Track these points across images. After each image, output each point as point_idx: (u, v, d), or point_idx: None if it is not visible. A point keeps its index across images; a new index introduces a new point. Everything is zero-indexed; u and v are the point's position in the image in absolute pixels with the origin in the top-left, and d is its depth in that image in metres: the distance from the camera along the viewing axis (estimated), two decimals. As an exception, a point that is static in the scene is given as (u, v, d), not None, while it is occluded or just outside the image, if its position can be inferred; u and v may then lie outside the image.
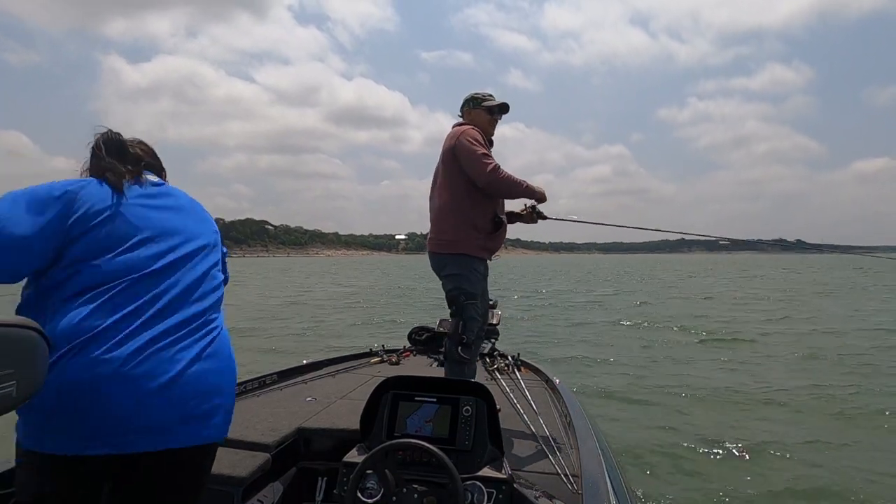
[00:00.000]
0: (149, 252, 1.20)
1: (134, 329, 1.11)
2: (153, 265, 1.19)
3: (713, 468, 3.87)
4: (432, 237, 2.63)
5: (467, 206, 2.55)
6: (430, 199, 2.71)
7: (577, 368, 7.28)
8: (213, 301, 1.28)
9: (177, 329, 1.17)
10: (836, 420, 5.02)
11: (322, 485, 1.93)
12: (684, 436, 4.54)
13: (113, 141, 1.31)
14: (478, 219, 2.57)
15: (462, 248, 2.55)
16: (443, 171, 2.61)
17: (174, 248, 1.25)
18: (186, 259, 1.26)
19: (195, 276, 1.26)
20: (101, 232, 1.17)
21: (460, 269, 2.54)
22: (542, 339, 10.05)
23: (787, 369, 7.23)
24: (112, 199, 1.21)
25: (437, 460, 1.38)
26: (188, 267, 1.25)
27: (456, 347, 2.47)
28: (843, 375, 6.79)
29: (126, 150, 1.33)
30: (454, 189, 2.56)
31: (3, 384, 0.96)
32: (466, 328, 2.50)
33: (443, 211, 2.58)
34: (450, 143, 2.57)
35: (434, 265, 2.65)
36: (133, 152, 1.35)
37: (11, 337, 0.99)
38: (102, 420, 1.07)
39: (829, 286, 25.98)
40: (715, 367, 7.43)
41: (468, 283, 2.55)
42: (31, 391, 1.06)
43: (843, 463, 3.96)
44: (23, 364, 1.01)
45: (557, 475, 1.76)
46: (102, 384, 1.07)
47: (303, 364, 3.27)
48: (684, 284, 29.07)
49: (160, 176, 1.41)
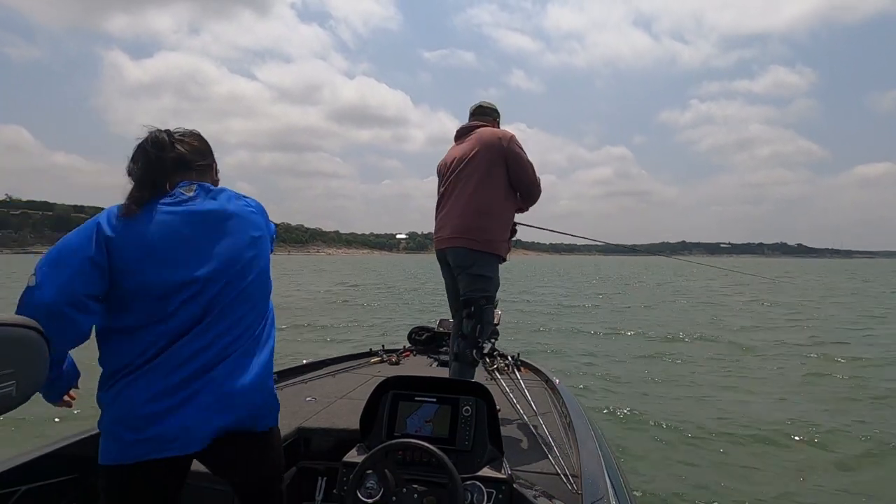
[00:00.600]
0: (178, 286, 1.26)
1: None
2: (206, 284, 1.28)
3: (713, 468, 3.86)
4: (462, 233, 2.54)
5: (507, 207, 2.60)
6: (460, 192, 2.60)
7: (577, 368, 7.29)
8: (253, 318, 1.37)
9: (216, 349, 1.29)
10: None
11: (322, 485, 1.93)
12: (684, 435, 4.53)
13: (152, 147, 1.33)
14: (509, 221, 2.64)
15: (498, 249, 2.55)
16: (484, 165, 2.54)
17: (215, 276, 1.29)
18: (227, 277, 1.30)
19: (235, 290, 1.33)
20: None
21: (490, 270, 2.54)
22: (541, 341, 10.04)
23: (787, 375, 7.22)
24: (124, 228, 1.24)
25: (436, 460, 1.38)
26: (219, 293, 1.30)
27: (471, 350, 2.46)
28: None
29: (166, 153, 1.33)
30: (498, 189, 2.55)
31: (3, 384, 0.96)
32: (483, 332, 2.50)
33: (484, 208, 2.53)
34: (499, 143, 2.54)
35: (460, 260, 2.55)
36: (174, 154, 1.35)
37: (11, 337, 0.99)
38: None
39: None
40: (715, 366, 7.44)
41: (491, 286, 2.55)
42: (31, 391, 1.06)
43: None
44: (23, 364, 1.01)
45: (557, 475, 1.76)
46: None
47: (303, 364, 3.27)
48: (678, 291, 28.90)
49: (206, 170, 1.43)
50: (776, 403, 5.59)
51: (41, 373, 1.11)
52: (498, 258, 2.57)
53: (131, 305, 1.22)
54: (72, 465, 1.71)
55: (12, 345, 1.04)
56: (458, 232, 2.54)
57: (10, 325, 1.05)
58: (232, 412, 1.27)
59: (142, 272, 1.21)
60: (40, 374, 1.10)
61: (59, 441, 1.73)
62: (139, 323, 1.22)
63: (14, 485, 1.51)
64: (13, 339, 1.04)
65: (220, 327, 1.26)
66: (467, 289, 2.53)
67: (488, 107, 2.81)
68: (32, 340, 1.08)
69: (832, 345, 9.31)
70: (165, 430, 1.19)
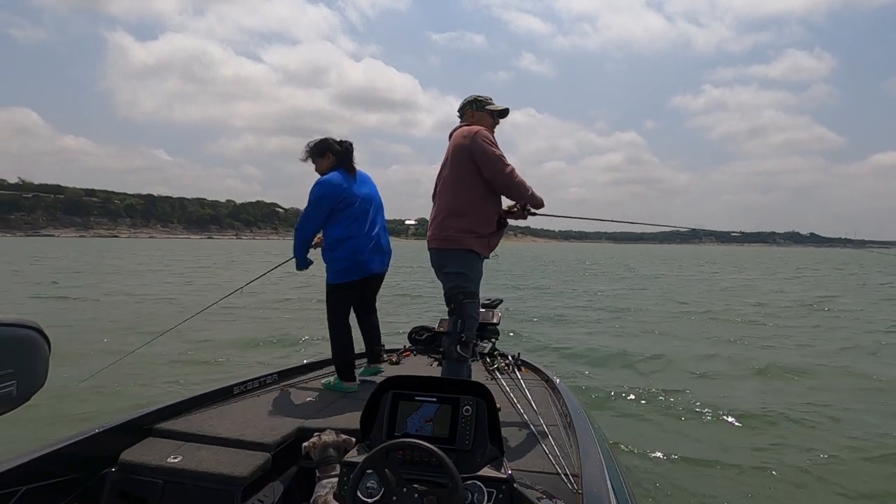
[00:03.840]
0: (364, 204, 3.06)
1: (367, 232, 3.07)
2: (368, 208, 3.08)
3: (714, 468, 3.86)
4: (437, 233, 2.64)
5: (479, 204, 2.59)
6: (439, 195, 2.72)
7: (578, 368, 7.26)
8: (384, 223, 3.21)
9: (378, 232, 3.11)
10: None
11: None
12: (685, 435, 4.54)
13: (349, 149, 3.10)
14: (487, 217, 2.62)
15: (469, 245, 2.57)
16: (454, 168, 2.62)
17: (372, 201, 3.12)
18: (376, 207, 3.16)
19: (380, 214, 3.20)
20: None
21: (463, 266, 2.57)
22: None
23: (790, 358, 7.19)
24: (349, 181, 3.04)
25: (437, 460, 1.38)
26: (375, 208, 3.14)
27: (455, 346, 2.49)
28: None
29: (351, 151, 3.11)
30: (467, 187, 2.59)
31: (3, 384, 0.96)
32: (465, 326, 2.52)
33: (454, 208, 2.60)
34: (463, 142, 2.58)
35: (436, 261, 2.67)
36: (351, 150, 3.12)
37: (11, 337, 0.99)
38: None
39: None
40: (717, 367, 7.39)
41: (469, 282, 2.57)
42: (31, 391, 1.06)
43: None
44: (23, 364, 1.01)
45: (557, 475, 1.76)
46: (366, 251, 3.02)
47: (303, 364, 3.30)
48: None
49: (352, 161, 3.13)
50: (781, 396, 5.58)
51: (41, 373, 1.11)
52: (472, 254, 2.58)
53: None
54: (72, 465, 1.73)
55: (12, 345, 1.04)
56: (431, 234, 2.67)
57: (10, 325, 1.04)
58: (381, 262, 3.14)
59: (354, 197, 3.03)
60: (40, 375, 1.10)
61: (59, 441, 1.75)
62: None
63: (14, 485, 1.53)
64: (13, 339, 1.04)
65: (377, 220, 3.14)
66: (446, 286, 2.62)
67: (464, 103, 2.82)
68: (32, 340, 1.08)
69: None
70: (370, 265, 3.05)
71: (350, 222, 2.96)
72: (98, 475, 1.84)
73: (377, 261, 3.08)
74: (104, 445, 1.89)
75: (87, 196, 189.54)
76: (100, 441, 1.88)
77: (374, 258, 3.06)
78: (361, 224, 2.99)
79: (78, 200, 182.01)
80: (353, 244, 2.95)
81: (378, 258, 3.08)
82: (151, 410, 2.17)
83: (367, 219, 3.04)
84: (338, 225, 2.96)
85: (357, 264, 2.98)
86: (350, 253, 2.95)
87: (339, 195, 2.94)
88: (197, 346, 7.55)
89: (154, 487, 1.81)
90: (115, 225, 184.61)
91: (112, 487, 1.84)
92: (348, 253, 2.95)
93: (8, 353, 0.98)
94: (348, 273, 2.98)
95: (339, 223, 2.96)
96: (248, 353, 7.45)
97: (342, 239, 2.95)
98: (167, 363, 6.55)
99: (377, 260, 3.08)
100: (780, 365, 6.88)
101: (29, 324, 1.04)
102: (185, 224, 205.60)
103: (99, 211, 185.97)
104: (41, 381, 1.07)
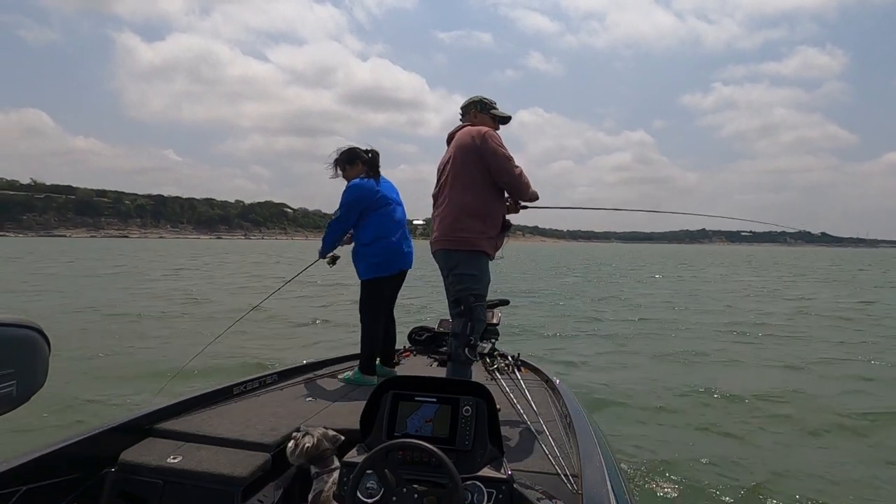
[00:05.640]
0: (394, 206, 3.37)
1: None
2: (396, 211, 3.38)
3: (714, 468, 3.83)
4: (447, 234, 2.61)
5: (488, 204, 2.59)
6: (447, 195, 2.67)
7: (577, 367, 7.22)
8: (406, 227, 3.43)
9: (404, 233, 3.39)
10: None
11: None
12: (685, 435, 4.52)
13: (376, 156, 3.38)
14: (495, 218, 2.62)
15: (482, 246, 2.56)
16: (462, 169, 2.59)
17: (399, 205, 3.42)
18: (402, 211, 3.43)
19: (404, 218, 3.44)
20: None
21: (474, 268, 2.55)
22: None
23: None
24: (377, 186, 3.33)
25: (436, 460, 1.38)
26: (400, 211, 3.41)
27: (463, 348, 2.47)
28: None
29: (378, 159, 3.38)
30: (477, 188, 2.57)
31: (2, 384, 0.97)
32: (474, 329, 2.50)
33: (464, 209, 2.58)
34: (473, 142, 2.56)
35: (446, 262, 2.63)
36: (377, 158, 3.39)
37: (11, 337, 1.00)
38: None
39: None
40: (717, 367, 7.35)
41: (479, 284, 2.56)
42: (31, 391, 1.07)
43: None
44: (23, 364, 1.02)
45: (557, 475, 1.76)
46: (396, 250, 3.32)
47: (303, 364, 3.31)
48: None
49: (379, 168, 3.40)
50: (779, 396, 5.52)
51: (41, 373, 1.11)
52: (482, 255, 2.57)
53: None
54: (72, 465, 1.74)
55: (12, 345, 1.04)
56: (441, 235, 2.63)
57: (10, 326, 1.05)
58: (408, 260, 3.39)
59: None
60: (40, 375, 1.11)
61: (59, 441, 1.76)
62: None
63: (14, 485, 1.54)
64: (13, 339, 1.04)
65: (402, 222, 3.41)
66: (456, 288, 2.58)
67: (466, 104, 2.81)
68: (32, 340, 1.09)
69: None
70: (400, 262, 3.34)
71: (381, 223, 3.26)
72: (98, 475, 1.84)
73: (405, 259, 3.37)
74: (104, 445, 1.89)
75: (98, 196, 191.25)
76: (100, 441, 1.88)
77: (403, 257, 3.34)
78: (391, 225, 3.29)
79: (89, 201, 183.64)
80: (385, 243, 3.25)
81: (405, 258, 3.37)
82: (151, 410, 2.17)
83: (395, 220, 3.33)
84: (369, 226, 3.25)
85: (388, 261, 3.27)
86: (382, 250, 3.24)
87: (372, 197, 3.25)
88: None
89: (154, 487, 1.81)
90: (125, 225, 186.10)
91: (112, 487, 1.84)
92: (380, 250, 3.24)
93: (8, 353, 0.99)
94: (382, 268, 3.26)
95: (371, 224, 3.25)
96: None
97: (375, 238, 3.24)
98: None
99: (405, 258, 3.36)
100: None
101: (29, 324, 1.05)
102: (194, 224, 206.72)
103: (109, 211, 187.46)
104: (41, 381, 1.08)
